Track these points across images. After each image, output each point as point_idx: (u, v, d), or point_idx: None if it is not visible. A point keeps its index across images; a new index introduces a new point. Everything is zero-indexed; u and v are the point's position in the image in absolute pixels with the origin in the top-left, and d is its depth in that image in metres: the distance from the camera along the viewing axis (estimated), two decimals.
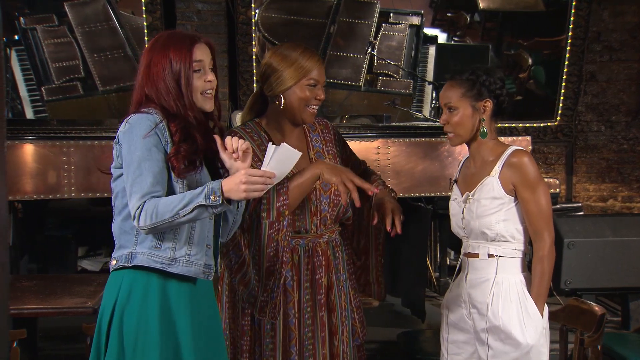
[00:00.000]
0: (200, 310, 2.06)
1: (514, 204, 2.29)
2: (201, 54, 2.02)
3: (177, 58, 1.99)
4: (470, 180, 2.37)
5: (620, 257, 3.85)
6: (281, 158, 1.99)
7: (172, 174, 1.98)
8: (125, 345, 1.96)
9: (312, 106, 2.36)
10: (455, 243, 5.40)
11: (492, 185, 2.28)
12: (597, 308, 2.52)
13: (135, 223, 1.93)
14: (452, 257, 5.65)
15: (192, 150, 1.98)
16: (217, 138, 2.04)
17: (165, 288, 1.99)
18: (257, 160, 2.30)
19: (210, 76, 2.04)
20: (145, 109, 2.00)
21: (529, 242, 2.34)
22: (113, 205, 2.07)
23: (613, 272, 3.86)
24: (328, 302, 2.42)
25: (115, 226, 2.04)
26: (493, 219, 2.28)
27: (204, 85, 2.03)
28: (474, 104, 2.31)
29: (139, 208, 1.91)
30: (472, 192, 2.33)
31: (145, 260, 1.98)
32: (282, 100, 2.34)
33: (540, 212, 2.26)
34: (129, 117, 2.00)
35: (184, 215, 1.90)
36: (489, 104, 2.32)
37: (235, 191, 1.91)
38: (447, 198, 2.51)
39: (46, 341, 4.00)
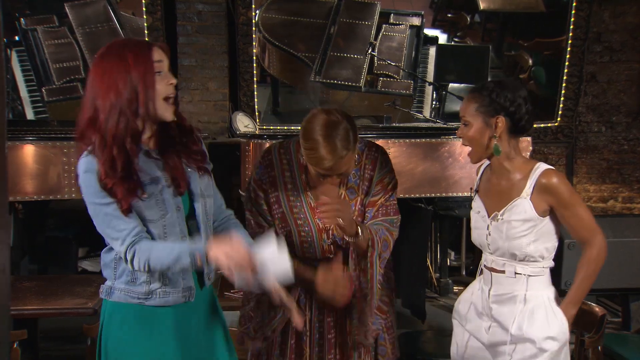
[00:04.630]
0: (190, 328, 2.05)
1: (544, 223, 2.25)
2: (159, 54, 1.92)
3: (136, 60, 1.86)
4: (496, 198, 2.30)
5: (621, 258, 3.86)
6: (270, 263, 1.89)
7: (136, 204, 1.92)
8: None
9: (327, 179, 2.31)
10: (456, 244, 5.41)
11: (523, 207, 2.23)
12: (597, 309, 2.52)
13: (129, 266, 1.92)
14: (452, 257, 5.65)
15: (122, 183, 1.88)
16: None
17: (146, 317, 1.99)
18: (269, 192, 2.34)
19: (173, 78, 1.93)
20: (86, 148, 1.92)
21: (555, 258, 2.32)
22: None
23: (614, 273, 3.86)
24: (344, 324, 2.40)
25: (102, 255, 2.04)
26: (524, 241, 2.23)
27: (167, 89, 1.91)
28: (486, 120, 2.24)
29: (127, 252, 1.90)
30: (500, 212, 2.27)
31: (122, 297, 1.98)
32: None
33: (583, 223, 2.24)
34: (78, 162, 1.93)
35: (175, 270, 1.91)
36: (501, 121, 2.23)
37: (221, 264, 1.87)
38: (448, 199, 2.50)
39: (47, 342, 4.00)
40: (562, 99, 5.81)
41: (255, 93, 5.53)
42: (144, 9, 5.28)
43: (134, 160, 1.90)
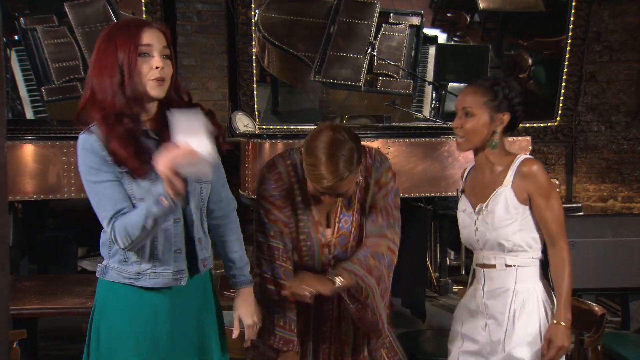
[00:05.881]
0: (182, 311, 2.04)
1: (527, 213, 2.26)
2: (150, 38, 1.87)
3: (122, 41, 1.86)
4: (481, 192, 2.33)
5: (621, 258, 3.85)
6: (185, 125, 1.76)
7: (128, 183, 1.91)
8: (102, 351, 1.99)
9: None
10: (456, 243, 5.41)
11: (505, 195, 2.25)
12: (597, 308, 2.52)
13: (116, 247, 1.93)
14: (452, 257, 5.65)
15: (136, 152, 1.88)
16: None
17: (138, 298, 1.99)
18: (283, 207, 2.26)
19: (157, 62, 1.87)
20: (88, 126, 1.92)
21: (544, 250, 2.32)
22: None
23: (613, 272, 3.86)
24: (340, 333, 2.38)
25: (101, 235, 2.03)
26: (509, 230, 2.25)
27: (152, 72, 1.87)
28: (492, 115, 2.27)
29: (111, 231, 1.89)
30: (485, 204, 2.29)
31: (114, 276, 1.98)
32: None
33: (556, 217, 2.24)
34: (78, 137, 1.94)
35: (152, 226, 1.85)
36: (506, 117, 2.28)
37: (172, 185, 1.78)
38: (447, 198, 2.50)
39: (46, 341, 4.00)
40: (561, 98, 5.82)
41: (255, 93, 5.54)
42: (143, 8, 5.29)
43: (139, 137, 1.90)
